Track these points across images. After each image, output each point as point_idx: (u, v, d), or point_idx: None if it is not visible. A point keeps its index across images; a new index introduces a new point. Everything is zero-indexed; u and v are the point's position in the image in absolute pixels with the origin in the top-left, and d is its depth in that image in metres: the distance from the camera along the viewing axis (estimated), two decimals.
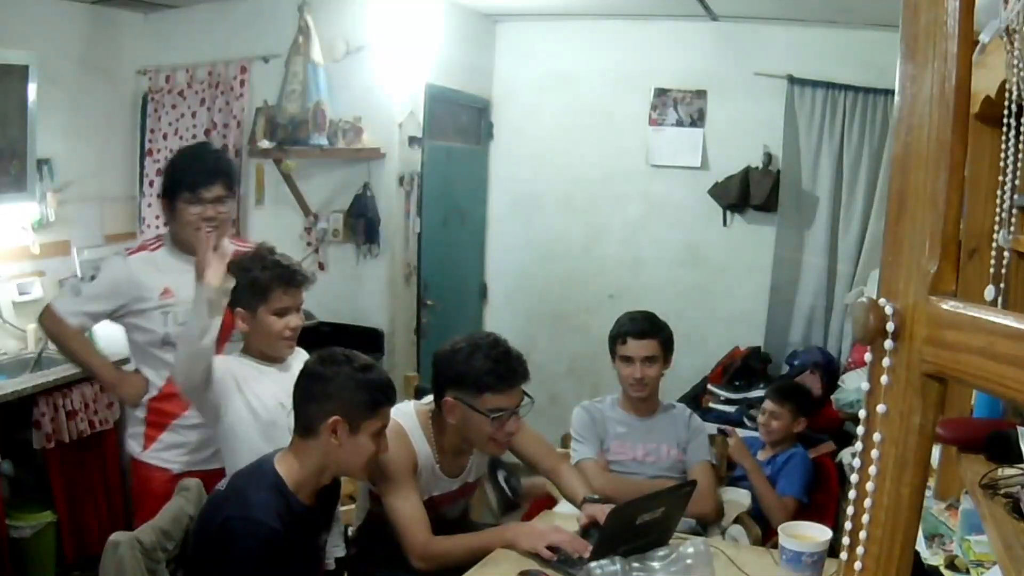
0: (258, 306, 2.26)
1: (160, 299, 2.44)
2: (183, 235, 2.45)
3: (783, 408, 3.07)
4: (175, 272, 2.45)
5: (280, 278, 2.26)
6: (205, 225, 2.38)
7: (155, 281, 2.45)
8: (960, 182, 0.71)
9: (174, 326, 2.42)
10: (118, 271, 2.47)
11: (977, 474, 1.42)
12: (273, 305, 2.26)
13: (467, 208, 4.88)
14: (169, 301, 2.44)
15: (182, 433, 2.49)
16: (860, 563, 0.74)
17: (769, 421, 3.08)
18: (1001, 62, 1.32)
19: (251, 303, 2.26)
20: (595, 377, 4.63)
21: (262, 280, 2.25)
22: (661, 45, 4.65)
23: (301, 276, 2.32)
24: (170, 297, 2.44)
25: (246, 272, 2.26)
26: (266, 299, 2.25)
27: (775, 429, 3.07)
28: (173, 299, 2.44)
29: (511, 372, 2.23)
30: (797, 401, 3.11)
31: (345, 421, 1.91)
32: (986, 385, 0.65)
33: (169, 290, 2.45)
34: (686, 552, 2.00)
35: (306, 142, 3.87)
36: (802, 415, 3.10)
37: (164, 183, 2.51)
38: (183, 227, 2.44)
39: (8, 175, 3.58)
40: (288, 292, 2.28)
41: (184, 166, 2.47)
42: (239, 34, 4.18)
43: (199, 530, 1.93)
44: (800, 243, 4.47)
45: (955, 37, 0.69)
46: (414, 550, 2.16)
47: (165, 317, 2.45)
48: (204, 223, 2.38)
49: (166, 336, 2.44)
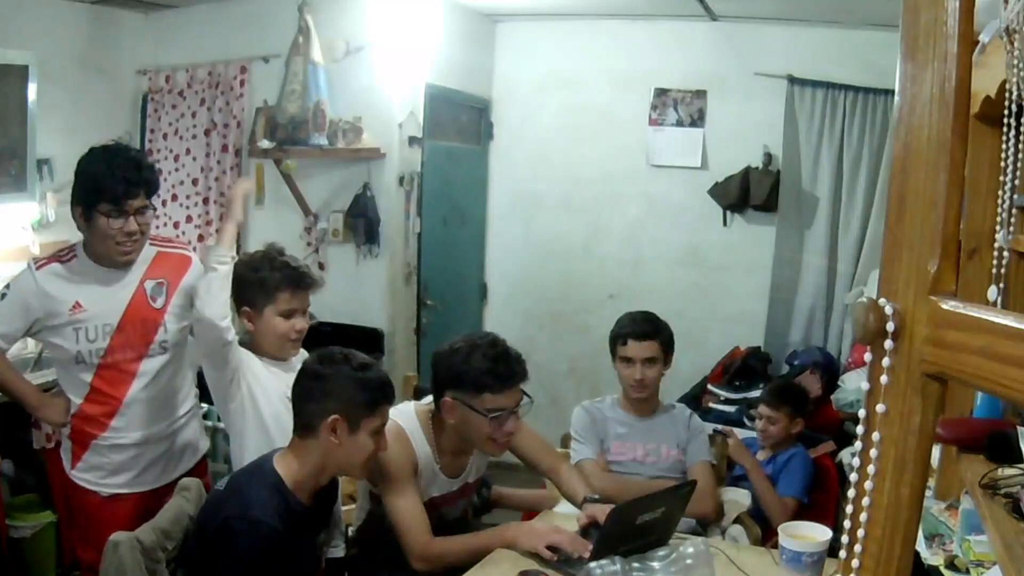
0: (265, 306, 2.26)
1: (70, 314, 2.24)
2: (100, 249, 2.26)
3: (779, 412, 3.03)
4: (89, 285, 2.26)
5: (289, 279, 2.27)
6: (127, 240, 2.23)
7: (66, 295, 2.25)
8: (960, 182, 0.70)
9: (85, 343, 2.25)
10: (26, 286, 2.26)
11: (977, 474, 1.42)
12: (280, 306, 2.26)
13: (467, 208, 4.88)
14: (80, 316, 2.24)
15: (103, 453, 2.31)
16: (860, 563, 0.74)
17: (767, 427, 3.05)
18: (1001, 62, 1.32)
19: (258, 302, 2.27)
20: (595, 377, 4.63)
21: (271, 281, 2.25)
22: (661, 45, 4.65)
23: (310, 279, 2.33)
24: (81, 312, 2.24)
25: (255, 271, 2.27)
26: (273, 300, 2.26)
27: (773, 433, 3.04)
28: (84, 314, 2.24)
29: (510, 372, 2.23)
30: (793, 403, 3.07)
31: (344, 420, 1.91)
32: (986, 385, 0.65)
33: (80, 304, 2.24)
34: (686, 552, 2.00)
35: (306, 142, 3.87)
36: (799, 416, 3.07)
37: (77, 190, 2.25)
38: (100, 240, 2.24)
39: (8, 175, 3.58)
40: (296, 295, 2.28)
41: (103, 172, 2.21)
42: (239, 34, 4.18)
43: (199, 530, 1.93)
44: (800, 243, 4.47)
45: (955, 37, 0.69)
46: (414, 551, 2.15)
47: (76, 333, 2.24)
48: (127, 238, 2.23)
49: (78, 354, 2.26)
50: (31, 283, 2.25)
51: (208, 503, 1.97)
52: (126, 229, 2.22)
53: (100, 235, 2.23)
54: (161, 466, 2.39)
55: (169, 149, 4.28)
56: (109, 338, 2.27)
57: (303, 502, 1.94)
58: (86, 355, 2.26)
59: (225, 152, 4.17)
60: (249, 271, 2.28)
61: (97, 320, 2.25)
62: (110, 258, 2.27)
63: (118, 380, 2.30)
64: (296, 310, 2.29)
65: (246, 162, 4.22)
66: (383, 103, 4.03)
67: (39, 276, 2.26)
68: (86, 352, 2.26)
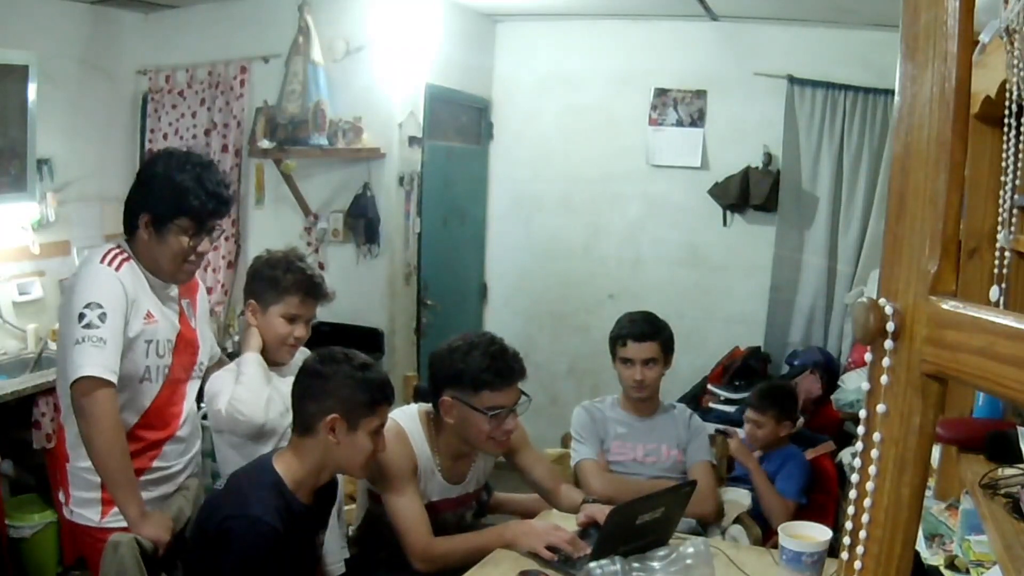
0: (271, 305, 2.27)
1: (144, 323, 2.01)
2: (162, 263, 2.04)
3: (765, 415, 2.97)
4: (151, 295, 2.06)
5: (300, 285, 2.27)
6: (197, 260, 2.06)
7: (141, 302, 2.02)
8: (960, 182, 0.70)
9: (155, 358, 2.04)
10: (117, 291, 1.96)
11: (977, 474, 1.42)
12: (286, 308, 2.27)
13: (467, 208, 4.88)
14: (151, 327, 2.03)
15: (146, 488, 2.03)
16: (860, 563, 0.74)
17: (754, 431, 2.99)
18: (1001, 62, 1.32)
19: (266, 299, 2.27)
20: (595, 377, 4.63)
21: (283, 282, 2.26)
22: (661, 45, 4.65)
23: (322, 291, 2.33)
24: (152, 322, 2.03)
25: (271, 268, 2.29)
26: (281, 301, 2.26)
27: (761, 437, 2.99)
28: (155, 325, 2.04)
29: (508, 370, 2.23)
30: (780, 405, 3.00)
31: (343, 419, 1.91)
32: (986, 385, 0.65)
33: (151, 314, 2.04)
34: (686, 552, 2.00)
35: (306, 142, 3.87)
36: (787, 419, 3.00)
37: (152, 197, 2.02)
38: (168, 256, 2.03)
39: (8, 175, 3.58)
40: (305, 302, 2.29)
41: (191, 186, 2.00)
42: (239, 34, 4.18)
43: (198, 529, 1.93)
44: (800, 243, 4.47)
45: (955, 37, 0.69)
46: (415, 551, 2.15)
47: (148, 346, 2.03)
48: (198, 257, 2.06)
49: (147, 370, 2.04)
50: (118, 286, 1.96)
51: (208, 502, 1.97)
52: (200, 249, 2.06)
53: (170, 250, 2.02)
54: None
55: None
56: (171, 356, 2.09)
57: (303, 501, 1.94)
58: (154, 373, 2.04)
59: (225, 152, 4.17)
60: (266, 267, 2.30)
61: (162, 334, 2.06)
62: (170, 274, 2.07)
63: (172, 407, 2.11)
64: (300, 317, 2.29)
65: (246, 162, 4.22)
66: (383, 103, 4.03)
67: (121, 276, 1.98)
68: (154, 369, 2.04)
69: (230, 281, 4.22)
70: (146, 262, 2.05)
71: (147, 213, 2.02)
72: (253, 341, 2.26)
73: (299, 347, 2.34)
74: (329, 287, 2.39)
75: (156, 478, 2.10)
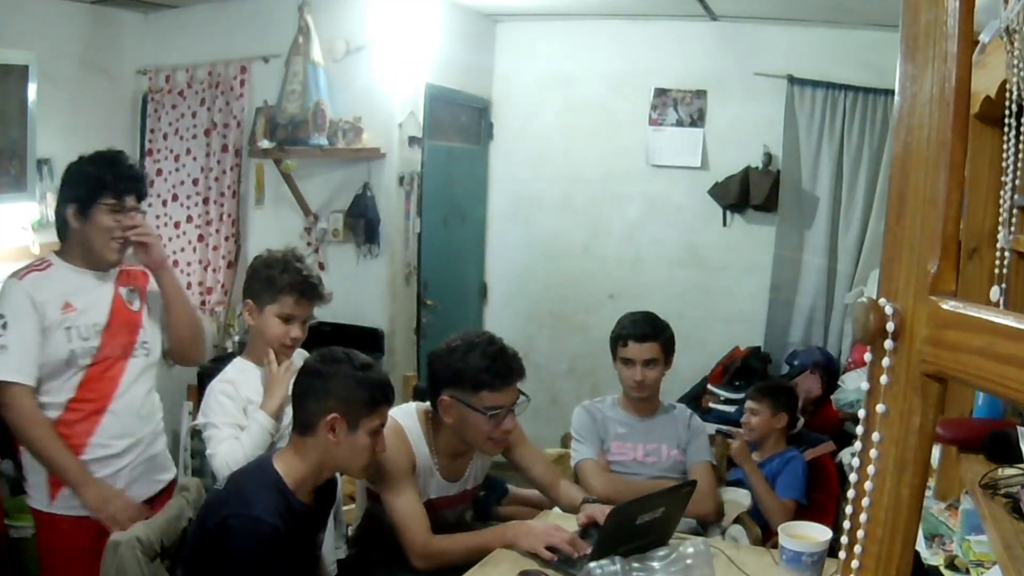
0: (266, 304, 2.27)
1: (63, 314, 2.20)
2: (94, 245, 2.25)
3: (760, 404, 3.11)
4: (72, 287, 2.25)
5: (295, 286, 2.27)
6: (123, 236, 2.25)
7: (54, 298, 2.21)
8: (960, 182, 0.70)
9: (79, 341, 2.21)
10: (19, 299, 2.18)
11: (977, 474, 1.42)
12: (281, 309, 2.27)
13: (467, 208, 4.88)
14: (71, 315, 2.22)
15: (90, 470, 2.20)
16: (860, 563, 0.74)
17: (749, 419, 3.13)
18: (1001, 62, 1.32)
19: (262, 299, 2.28)
20: (595, 377, 4.63)
21: (279, 282, 2.26)
22: (661, 45, 4.65)
23: (317, 292, 2.33)
24: (71, 311, 2.22)
25: (268, 268, 2.29)
26: (276, 301, 2.26)
27: (755, 426, 3.10)
28: (75, 313, 2.23)
29: (507, 369, 2.23)
30: (775, 397, 3.14)
31: (343, 419, 1.91)
32: (986, 385, 0.65)
33: (70, 304, 2.22)
34: (686, 552, 2.00)
35: (306, 142, 3.87)
36: (783, 411, 3.12)
37: (72, 189, 2.26)
38: (98, 235, 2.24)
39: (8, 175, 3.58)
40: (300, 303, 2.29)
41: (105, 170, 2.25)
42: (239, 34, 4.18)
43: (198, 529, 1.93)
44: (800, 243, 4.47)
45: (955, 37, 0.69)
46: (414, 548, 2.15)
47: (68, 333, 2.21)
48: (122, 233, 2.25)
49: (71, 354, 2.20)
50: (21, 295, 2.19)
51: (208, 502, 1.97)
52: (124, 223, 2.25)
53: (99, 230, 2.23)
54: (141, 480, 2.33)
55: (169, 149, 4.27)
56: (100, 337, 2.26)
57: (303, 501, 1.94)
58: (79, 354, 2.22)
59: (225, 152, 4.18)
60: (263, 267, 2.30)
61: (87, 319, 2.24)
62: (102, 256, 2.27)
63: (106, 381, 2.27)
64: (296, 317, 2.29)
65: (246, 162, 4.22)
66: (383, 103, 4.03)
67: (25, 285, 2.20)
68: (80, 351, 2.22)
69: (230, 281, 4.22)
70: (79, 254, 2.27)
71: (72, 205, 2.25)
72: (273, 400, 2.22)
73: (296, 348, 2.33)
74: (326, 288, 2.39)
75: (95, 459, 2.23)
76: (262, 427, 2.17)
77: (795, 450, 3.09)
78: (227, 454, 2.13)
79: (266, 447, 2.15)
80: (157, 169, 4.27)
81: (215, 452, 2.16)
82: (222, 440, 2.16)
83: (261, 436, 2.17)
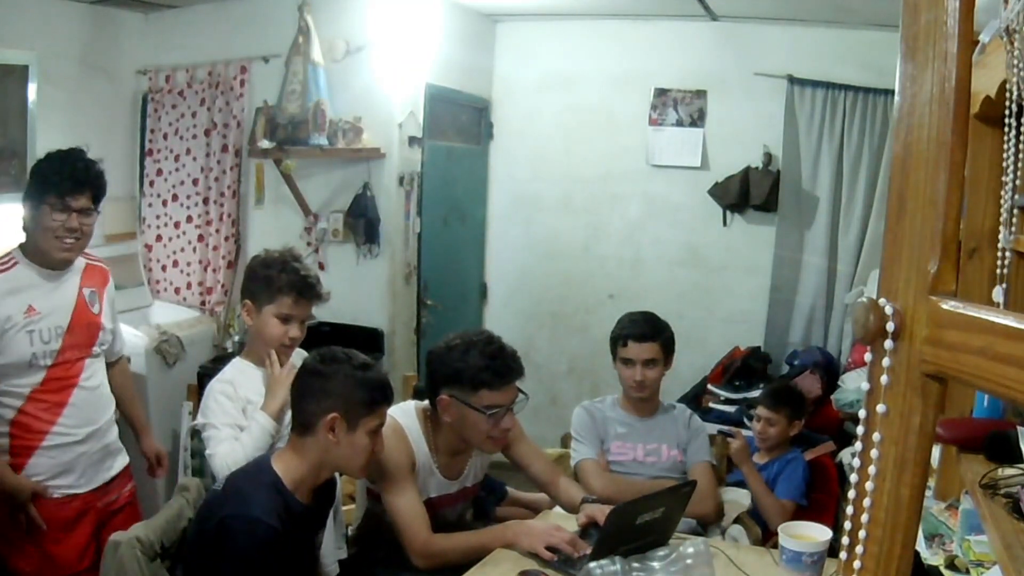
0: (264, 305, 2.27)
1: (25, 318, 2.28)
2: (42, 244, 2.31)
3: (778, 414, 3.00)
4: (36, 289, 2.32)
5: (293, 286, 2.27)
6: (67, 235, 2.29)
7: (18, 301, 2.28)
8: (960, 182, 0.70)
9: (40, 344, 2.31)
10: None
11: (977, 474, 1.42)
12: (279, 309, 2.27)
13: (467, 208, 4.88)
14: (34, 319, 2.29)
15: (51, 455, 2.35)
16: (860, 563, 0.74)
17: (765, 428, 3.02)
18: (1001, 62, 1.32)
19: (260, 299, 2.28)
20: (595, 377, 4.63)
21: (276, 282, 2.26)
22: (661, 45, 4.65)
23: (315, 291, 2.33)
24: (35, 315, 2.29)
25: (266, 268, 2.29)
26: (274, 301, 2.27)
27: (772, 436, 3.01)
28: (38, 316, 2.30)
29: (507, 368, 2.24)
30: (792, 405, 3.05)
31: (343, 418, 1.91)
32: (986, 385, 0.65)
33: (33, 307, 2.30)
34: (686, 552, 2.00)
35: (306, 142, 3.87)
36: (797, 418, 3.05)
37: (28, 187, 2.34)
38: (43, 234, 2.30)
39: (8, 175, 3.58)
40: (298, 303, 2.29)
41: (53, 170, 2.31)
42: (239, 34, 4.18)
43: (197, 529, 1.93)
44: (800, 243, 4.47)
45: (955, 37, 0.69)
46: (414, 547, 2.16)
47: (30, 336, 2.29)
48: (67, 233, 2.29)
49: (32, 356, 2.30)
50: None
51: (206, 502, 1.97)
52: (68, 224, 2.29)
53: (43, 228, 2.29)
54: (97, 466, 2.46)
55: (169, 149, 4.27)
56: (61, 339, 2.35)
57: (302, 501, 1.94)
58: (40, 356, 2.31)
59: (225, 152, 4.17)
60: (261, 267, 2.31)
61: (50, 322, 2.32)
62: (50, 255, 2.32)
63: (65, 379, 2.37)
64: (294, 317, 2.29)
65: (246, 162, 4.21)
66: (383, 103, 4.03)
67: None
68: (41, 353, 2.31)
69: (230, 281, 4.21)
70: (35, 253, 2.33)
71: (27, 200, 2.32)
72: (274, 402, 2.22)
73: (295, 348, 2.33)
74: (326, 288, 2.39)
75: (56, 445, 2.35)
76: (263, 428, 2.17)
77: (795, 451, 3.08)
78: (227, 454, 2.13)
79: (266, 448, 2.15)
80: (157, 169, 4.27)
81: (215, 452, 2.16)
82: (221, 440, 2.16)
83: (262, 437, 2.17)
